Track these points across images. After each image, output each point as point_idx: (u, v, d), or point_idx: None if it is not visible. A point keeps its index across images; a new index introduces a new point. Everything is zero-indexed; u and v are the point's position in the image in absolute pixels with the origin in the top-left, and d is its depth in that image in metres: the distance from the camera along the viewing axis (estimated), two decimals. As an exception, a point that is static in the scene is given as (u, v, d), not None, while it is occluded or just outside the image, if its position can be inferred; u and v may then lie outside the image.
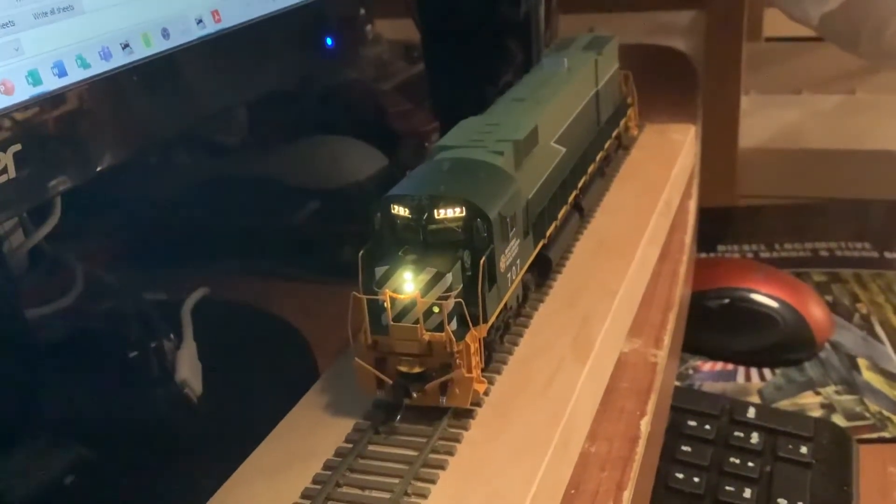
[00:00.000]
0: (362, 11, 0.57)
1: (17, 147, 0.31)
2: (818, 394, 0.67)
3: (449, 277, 0.34)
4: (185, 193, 0.59)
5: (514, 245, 0.38)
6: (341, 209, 0.57)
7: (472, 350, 0.34)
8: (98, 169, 0.35)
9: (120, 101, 0.37)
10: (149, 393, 0.44)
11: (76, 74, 0.34)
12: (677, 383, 0.67)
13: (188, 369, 0.44)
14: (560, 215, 0.45)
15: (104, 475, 0.40)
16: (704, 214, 0.70)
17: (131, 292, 0.52)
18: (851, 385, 0.67)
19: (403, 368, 0.34)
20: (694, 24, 1.01)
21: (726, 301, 0.72)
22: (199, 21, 0.41)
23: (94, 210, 0.47)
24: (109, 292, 0.51)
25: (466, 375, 0.34)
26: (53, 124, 0.33)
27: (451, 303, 0.34)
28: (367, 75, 0.78)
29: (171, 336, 0.46)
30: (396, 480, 0.32)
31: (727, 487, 0.55)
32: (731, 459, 0.57)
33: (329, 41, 0.53)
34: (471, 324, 0.34)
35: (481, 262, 0.34)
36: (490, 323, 0.36)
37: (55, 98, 0.33)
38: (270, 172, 0.60)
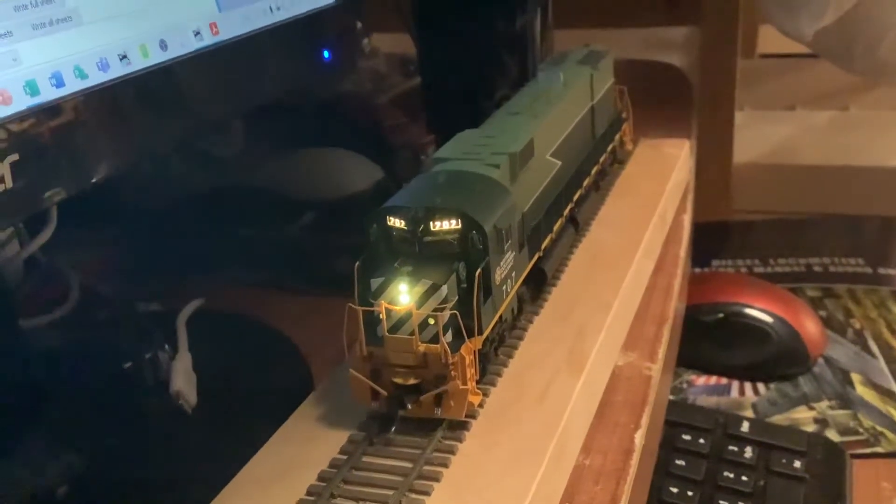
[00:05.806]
0: (359, 25, 0.57)
1: (15, 157, 0.31)
2: (812, 408, 0.67)
3: (444, 289, 0.34)
4: (181, 204, 0.59)
5: (509, 257, 0.38)
6: (337, 221, 0.57)
7: (467, 362, 0.34)
8: (95, 179, 0.36)
9: (117, 112, 0.37)
10: (143, 404, 0.44)
11: (74, 85, 0.34)
12: (671, 397, 0.67)
13: (183, 380, 0.44)
14: (555, 228, 0.45)
15: (98, 486, 0.40)
16: (699, 229, 0.71)
17: (127, 303, 0.52)
18: (845, 400, 0.67)
19: (398, 380, 0.34)
20: (689, 41, 1.01)
21: (720, 315, 0.72)
22: (197, 33, 0.41)
23: (91, 220, 0.47)
24: (105, 303, 0.51)
25: (461, 387, 0.34)
26: (51, 135, 0.33)
27: (446, 315, 0.34)
28: (364, 88, 0.79)
29: (167, 347, 0.46)
30: (391, 492, 0.32)
31: (721, 501, 0.55)
32: (725, 473, 0.57)
33: (326, 54, 0.53)
34: (466, 336, 0.34)
35: (477, 274, 0.34)
36: (485, 335, 0.36)
37: (53, 108, 0.33)
38: (266, 184, 0.60)
